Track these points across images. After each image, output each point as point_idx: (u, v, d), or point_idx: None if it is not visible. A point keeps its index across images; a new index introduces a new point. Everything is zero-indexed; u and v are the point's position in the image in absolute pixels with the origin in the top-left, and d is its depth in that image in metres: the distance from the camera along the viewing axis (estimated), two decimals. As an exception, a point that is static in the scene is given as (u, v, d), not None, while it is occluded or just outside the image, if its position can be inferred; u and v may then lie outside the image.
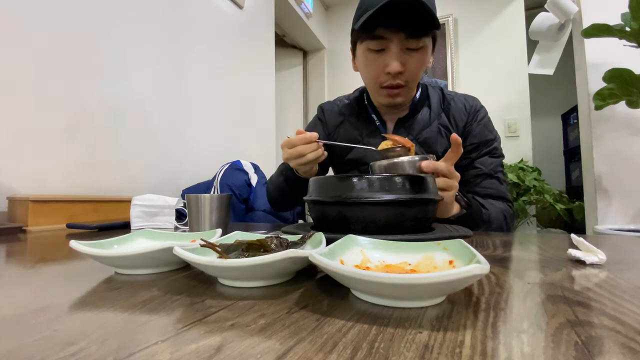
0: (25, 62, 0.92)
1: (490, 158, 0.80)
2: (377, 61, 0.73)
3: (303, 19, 2.75)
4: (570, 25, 1.74)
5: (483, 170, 0.79)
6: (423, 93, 0.85)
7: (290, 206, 0.93)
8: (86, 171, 1.06)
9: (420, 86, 0.85)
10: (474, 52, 2.71)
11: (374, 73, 0.75)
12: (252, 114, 1.97)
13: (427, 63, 0.75)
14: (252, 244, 0.32)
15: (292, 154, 0.65)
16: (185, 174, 1.45)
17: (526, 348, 0.17)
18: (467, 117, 0.82)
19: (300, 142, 0.65)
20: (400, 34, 0.68)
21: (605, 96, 1.40)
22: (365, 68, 0.76)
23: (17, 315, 0.22)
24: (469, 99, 0.85)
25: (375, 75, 0.75)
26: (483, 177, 0.79)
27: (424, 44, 0.71)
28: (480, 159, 0.80)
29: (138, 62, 1.26)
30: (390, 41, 0.70)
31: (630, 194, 1.53)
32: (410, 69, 0.72)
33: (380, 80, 0.75)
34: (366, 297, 0.24)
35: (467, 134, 0.81)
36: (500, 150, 0.83)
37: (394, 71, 0.71)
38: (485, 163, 0.80)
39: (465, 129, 0.81)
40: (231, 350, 0.17)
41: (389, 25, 0.68)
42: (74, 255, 0.44)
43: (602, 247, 0.38)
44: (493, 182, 0.79)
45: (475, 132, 0.81)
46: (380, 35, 0.70)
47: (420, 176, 0.48)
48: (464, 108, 0.83)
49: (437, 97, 0.85)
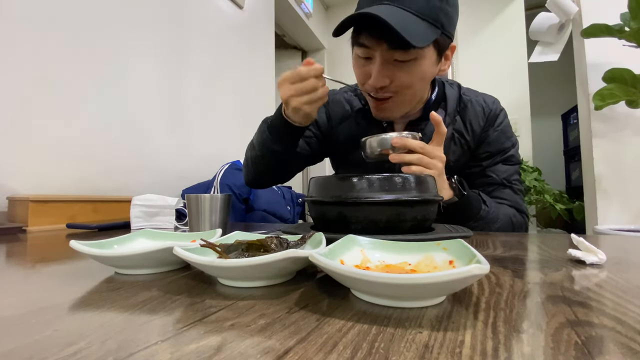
0: (25, 63, 0.92)
1: (505, 166, 0.75)
2: (364, 69, 0.66)
3: (303, 19, 2.75)
4: (570, 25, 1.74)
5: (495, 179, 0.74)
6: (439, 93, 0.77)
7: (276, 176, 0.80)
8: (86, 171, 1.06)
9: (437, 85, 0.77)
10: (474, 52, 2.71)
11: (362, 79, 0.68)
12: (252, 114, 1.97)
13: (429, 73, 0.65)
14: (252, 244, 0.32)
15: (302, 88, 0.57)
16: (185, 174, 1.45)
17: (526, 348, 0.17)
18: (485, 123, 0.76)
19: (312, 73, 0.57)
20: (383, 44, 0.60)
21: (605, 96, 1.40)
22: (356, 72, 0.70)
23: (17, 315, 0.22)
24: (488, 102, 0.78)
25: (362, 82, 0.68)
26: (495, 186, 0.74)
27: (416, 55, 0.60)
28: (493, 166, 0.75)
29: (138, 62, 1.26)
30: (374, 50, 0.62)
31: (630, 194, 1.53)
32: (400, 80, 0.63)
33: (367, 89, 0.67)
34: (366, 297, 0.24)
35: (482, 141, 0.75)
36: (518, 156, 0.77)
37: (372, 86, 0.64)
38: (499, 171, 0.74)
39: (481, 135, 0.75)
40: (231, 350, 0.17)
41: (370, 33, 0.61)
42: (74, 255, 0.44)
43: (602, 247, 0.38)
44: (506, 191, 0.74)
45: (491, 139, 0.75)
46: (364, 44, 0.62)
47: (421, 176, 0.48)
48: (482, 112, 0.76)
49: (454, 98, 0.77)
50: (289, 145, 0.71)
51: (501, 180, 0.74)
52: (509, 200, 0.73)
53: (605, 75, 1.40)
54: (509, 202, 0.73)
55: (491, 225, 0.69)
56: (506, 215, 0.71)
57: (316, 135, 0.85)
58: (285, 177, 0.82)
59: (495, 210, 0.70)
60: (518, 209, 0.74)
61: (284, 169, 0.78)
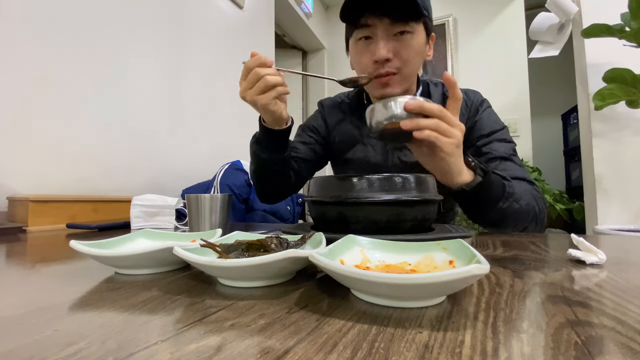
0: (25, 63, 0.92)
1: (499, 143, 0.73)
2: (366, 50, 0.70)
3: (303, 19, 2.75)
4: (570, 25, 1.74)
5: (494, 154, 0.71)
6: (424, 91, 0.82)
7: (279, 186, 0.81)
8: (86, 171, 1.06)
9: (421, 83, 0.82)
10: (474, 52, 2.71)
11: (365, 63, 0.71)
12: (252, 113, 1.96)
13: (422, 51, 0.71)
14: (252, 244, 0.32)
15: (249, 81, 0.58)
16: (185, 174, 1.45)
17: (526, 348, 0.17)
18: (469, 114, 0.78)
19: (255, 64, 0.58)
20: (385, 20, 0.66)
21: (605, 96, 1.40)
22: (357, 60, 0.73)
23: (17, 315, 0.22)
24: (469, 94, 0.80)
25: (366, 66, 0.71)
26: (496, 160, 0.70)
27: (412, 28, 0.67)
28: (489, 145, 0.73)
29: (138, 62, 1.26)
30: (376, 28, 0.67)
31: (630, 194, 1.53)
32: (401, 54, 0.68)
33: (370, 71, 0.70)
34: (366, 297, 0.24)
35: (471, 129, 0.76)
36: (511, 138, 0.75)
37: (380, 58, 0.67)
38: (495, 147, 0.72)
39: (467, 126, 0.75)
40: (231, 350, 0.17)
41: (372, 11, 0.66)
42: (74, 255, 0.44)
43: (602, 247, 0.38)
44: (508, 164, 0.69)
45: (479, 125, 0.76)
46: (366, 23, 0.67)
47: (421, 176, 0.48)
48: (465, 104, 0.78)
49: (438, 95, 0.81)
50: (275, 151, 0.72)
51: (501, 154, 0.70)
52: (513, 172, 0.66)
53: (605, 75, 1.40)
54: (513, 174, 0.65)
55: (517, 205, 0.60)
56: (526, 191, 0.63)
57: (317, 140, 0.89)
58: (290, 186, 0.82)
59: (516, 185, 0.62)
60: (525, 179, 0.67)
61: (284, 178, 0.78)
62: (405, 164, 0.79)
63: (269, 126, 0.69)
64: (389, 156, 0.80)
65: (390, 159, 0.80)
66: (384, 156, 0.81)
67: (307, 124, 0.92)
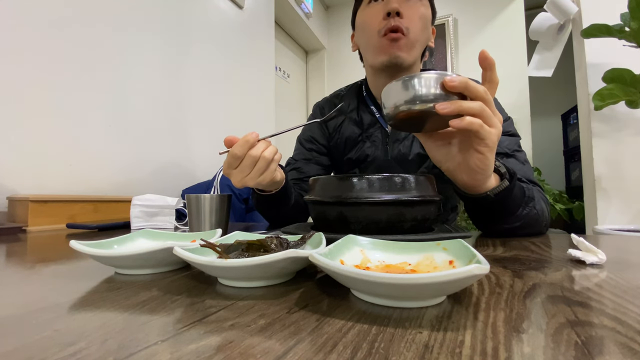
0: (25, 63, 0.92)
1: (503, 136, 0.65)
2: (376, 8, 0.72)
3: (303, 19, 2.75)
4: (570, 25, 1.75)
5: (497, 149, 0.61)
6: None
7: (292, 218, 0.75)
8: (86, 171, 1.06)
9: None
10: (474, 52, 2.70)
11: (374, 22, 0.72)
12: (252, 113, 1.97)
13: (427, 25, 0.74)
14: (252, 244, 0.32)
15: (244, 168, 0.52)
16: (185, 174, 1.45)
17: (526, 348, 0.17)
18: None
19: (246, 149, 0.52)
20: None
21: (605, 96, 1.40)
22: (366, 24, 0.74)
23: (17, 315, 0.22)
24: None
25: (375, 25, 0.72)
26: (499, 156, 0.63)
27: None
28: None
29: (138, 62, 1.26)
30: None
31: (630, 194, 1.53)
32: (410, 16, 0.70)
33: (380, 28, 0.71)
34: (366, 297, 0.24)
35: None
36: (515, 130, 0.70)
37: (392, 9, 0.68)
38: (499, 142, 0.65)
39: None
40: (231, 350, 0.17)
41: None
42: (74, 255, 0.44)
43: (602, 247, 0.38)
44: (511, 161, 0.64)
45: None
46: None
47: (421, 176, 0.48)
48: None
49: None
50: (280, 206, 0.69)
51: (503, 150, 0.64)
52: (517, 171, 0.55)
53: (605, 75, 1.40)
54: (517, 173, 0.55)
55: (534, 210, 0.54)
56: (535, 192, 0.57)
57: (319, 150, 0.89)
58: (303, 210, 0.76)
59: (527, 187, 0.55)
60: (530, 180, 0.60)
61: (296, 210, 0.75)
62: (404, 157, 0.78)
63: (266, 192, 0.66)
64: (388, 150, 0.80)
65: (389, 152, 0.79)
66: (383, 150, 0.80)
67: (305, 136, 0.91)
